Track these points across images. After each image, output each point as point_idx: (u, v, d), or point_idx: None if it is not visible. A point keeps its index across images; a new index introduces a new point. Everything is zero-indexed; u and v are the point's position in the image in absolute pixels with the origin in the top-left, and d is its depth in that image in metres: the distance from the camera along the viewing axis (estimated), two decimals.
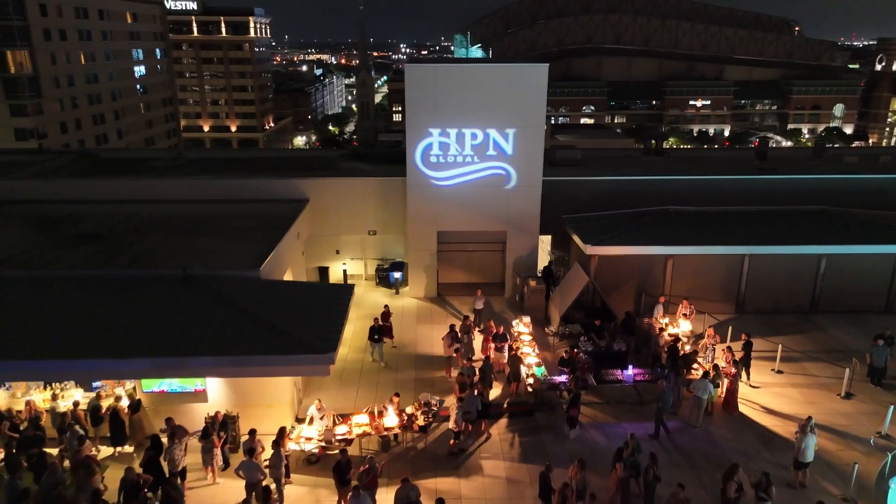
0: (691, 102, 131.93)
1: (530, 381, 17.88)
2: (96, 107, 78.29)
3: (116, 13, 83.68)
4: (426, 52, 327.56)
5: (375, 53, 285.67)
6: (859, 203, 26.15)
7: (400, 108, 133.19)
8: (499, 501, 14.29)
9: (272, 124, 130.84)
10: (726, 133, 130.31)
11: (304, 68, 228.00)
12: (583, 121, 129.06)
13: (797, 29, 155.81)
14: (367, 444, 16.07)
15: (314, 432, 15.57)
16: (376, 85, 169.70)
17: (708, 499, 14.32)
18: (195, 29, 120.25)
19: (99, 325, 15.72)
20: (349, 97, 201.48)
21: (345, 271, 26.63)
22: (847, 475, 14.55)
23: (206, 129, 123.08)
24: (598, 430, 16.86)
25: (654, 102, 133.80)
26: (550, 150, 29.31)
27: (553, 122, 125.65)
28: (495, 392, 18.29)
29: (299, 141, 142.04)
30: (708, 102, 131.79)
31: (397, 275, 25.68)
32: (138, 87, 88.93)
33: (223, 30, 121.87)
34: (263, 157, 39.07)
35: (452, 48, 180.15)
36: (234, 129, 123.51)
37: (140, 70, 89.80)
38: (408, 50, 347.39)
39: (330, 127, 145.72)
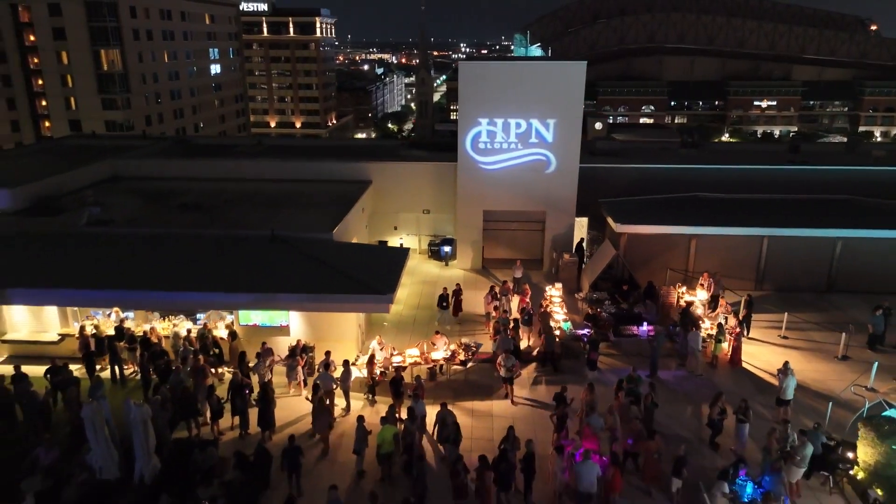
0: (756, 103, 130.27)
1: (557, 332, 21.12)
2: (176, 102, 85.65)
3: (196, 15, 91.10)
4: (486, 52, 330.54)
5: (435, 53, 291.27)
6: (886, 194, 28.09)
7: (456, 106, 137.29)
8: (522, 419, 17.60)
9: (334, 121, 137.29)
10: (792, 135, 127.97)
11: (366, 67, 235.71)
12: (642, 120, 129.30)
13: (873, 28, 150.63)
14: (417, 372, 19.71)
15: (375, 359, 19.31)
16: (435, 84, 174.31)
17: (699, 425, 17.23)
18: (265, 29, 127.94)
19: (207, 270, 19.98)
20: (408, 96, 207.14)
21: (401, 244, 30.40)
22: (824, 414, 17.17)
23: (272, 124, 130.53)
24: (613, 374, 19.90)
25: (716, 103, 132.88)
26: (592, 141, 32.30)
27: (611, 121, 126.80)
28: (525, 346, 21.58)
29: (360, 138, 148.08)
30: (774, 103, 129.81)
31: (447, 249, 29.31)
32: (213, 84, 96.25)
33: (291, 30, 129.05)
34: (331, 145, 43.54)
35: (512, 47, 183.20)
36: (298, 125, 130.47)
37: (215, 68, 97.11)
38: (468, 49, 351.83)
39: (389, 125, 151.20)
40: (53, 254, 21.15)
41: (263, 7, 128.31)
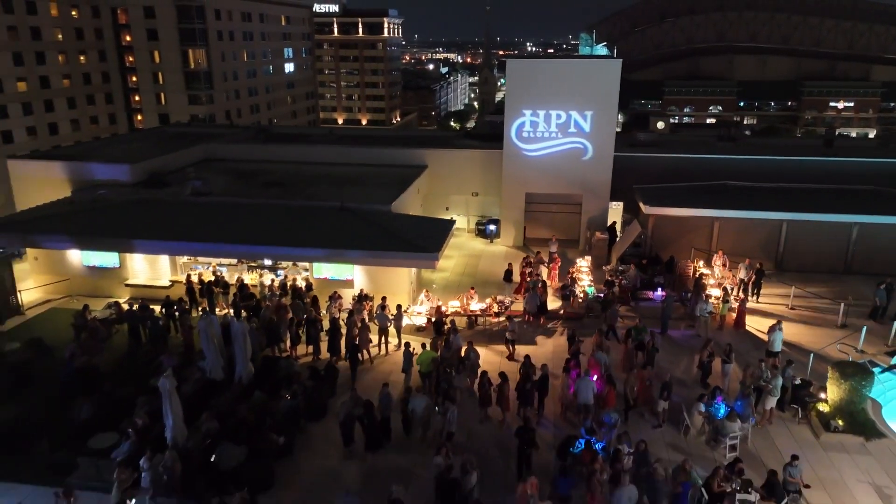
0: (831, 104, 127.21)
1: (581, 295, 24.62)
2: (253, 98, 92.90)
3: (273, 17, 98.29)
4: (552, 51, 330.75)
5: (501, 52, 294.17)
6: None
7: None
8: (544, 356, 21.17)
9: (398, 119, 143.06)
10: (871, 137, 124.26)
11: (431, 67, 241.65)
12: (708, 121, 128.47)
13: None
14: (458, 323, 23.65)
15: (423, 309, 23.43)
16: (498, 83, 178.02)
17: (695, 371, 20.36)
18: (336, 30, 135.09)
19: (288, 231, 24.57)
20: (472, 94, 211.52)
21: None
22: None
23: (340, 121, 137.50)
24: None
25: (789, 103, 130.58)
26: (633, 134, 35.34)
27: (675, 121, 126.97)
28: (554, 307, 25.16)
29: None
30: (851, 104, 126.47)
31: (492, 227, 33.15)
32: (286, 82, 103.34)
33: (360, 30, 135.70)
34: (393, 134, 48.17)
35: (579, 46, 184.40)
36: (364, 122, 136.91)
37: (289, 67, 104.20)
38: (533, 48, 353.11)
39: (452, 123, 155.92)
40: (165, 217, 26.29)
41: (335, 8, 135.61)
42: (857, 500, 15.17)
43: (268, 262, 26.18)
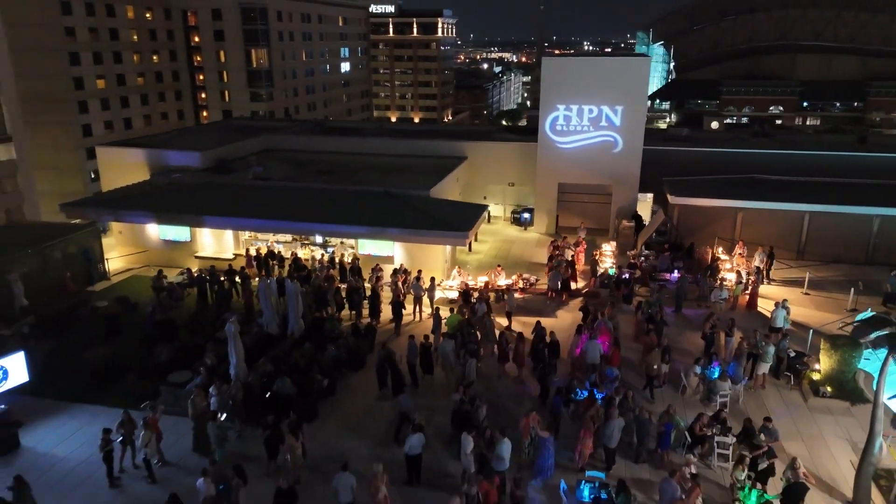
0: None
1: (604, 274, 26.83)
2: (310, 96, 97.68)
3: (331, 17, 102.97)
4: (609, 50, 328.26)
5: (557, 51, 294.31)
6: None
7: None
8: (561, 327, 23.52)
9: (450, 117, 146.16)
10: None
11: (486, 66, 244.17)
12: (743, 120, 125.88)
13: None
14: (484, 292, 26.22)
15: (454, 284, 26.13)
16: None
17: (701, 343, 22.29)
18: (391, 30, 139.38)
19: (336, 212, 27.70)
20: (525, 94, 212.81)
21: (489, 212, 36.94)
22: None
23: (393, 119, 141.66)
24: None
25: (854, 104, 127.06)
26: (665, 129, 37.01)
27: (733, 121, 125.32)
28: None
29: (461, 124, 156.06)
30: None
31: (527, 216, 35.56)
32: (342, 80, 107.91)
33: (414, 30, 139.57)
34: (437, 129, 51.07)
35: (635, 45, 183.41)
36: (416, 120, 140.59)
37: (345, 66, 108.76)
38: (590, 47, 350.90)
39: (503, 122, 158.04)
40: (230, 198, 29.87)
41: (391, 9, 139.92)
42: (832, 452, 17.01)
43: (319, 240, 29.42)
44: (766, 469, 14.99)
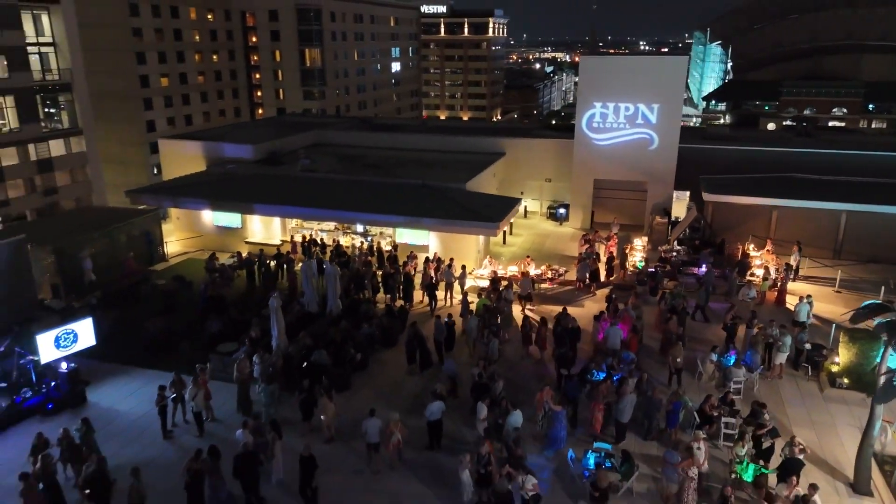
0: None
1: (632, 268, 27.62)
2: (361, 95, 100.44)
3: (383, 18, 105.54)
4: (666, 50, 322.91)
5: (611, 51, 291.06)
6: None
7: None
8: (588, 319, 24.47)
9: (499, 117, 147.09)
10: None
11: (538, 66, 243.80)
12: (830, 124, 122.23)
13: None
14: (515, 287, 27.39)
15: (485, 272, 27.42)
16: None
17: (724, 335, 22.92)
18: (442, 30, 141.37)
19: (377, 202, 29.38)
20: (575, 94, 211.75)
21: (525, 207, 38.05)
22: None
23: (442, 118, 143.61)
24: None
25: None
26: (705, 127, 37.27)
27: (791, 123, 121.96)
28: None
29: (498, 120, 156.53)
30: None
31: (562, 211, 36.49)
32: (392, 80, 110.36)
33: (465, 30, 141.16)
34: (478, 126, 52.50)
35: (692, 45, 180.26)
36: (465, 119, 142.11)
37: (395, 66, 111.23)
38: (646, 47, 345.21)
39: (553, 122, 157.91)
40: (279, 188, 31.95)
41: (442, 9, 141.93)
42: (842, 439, 17.54)
43: (360, 229, 31.19)
44: (768, 448, 15.74)
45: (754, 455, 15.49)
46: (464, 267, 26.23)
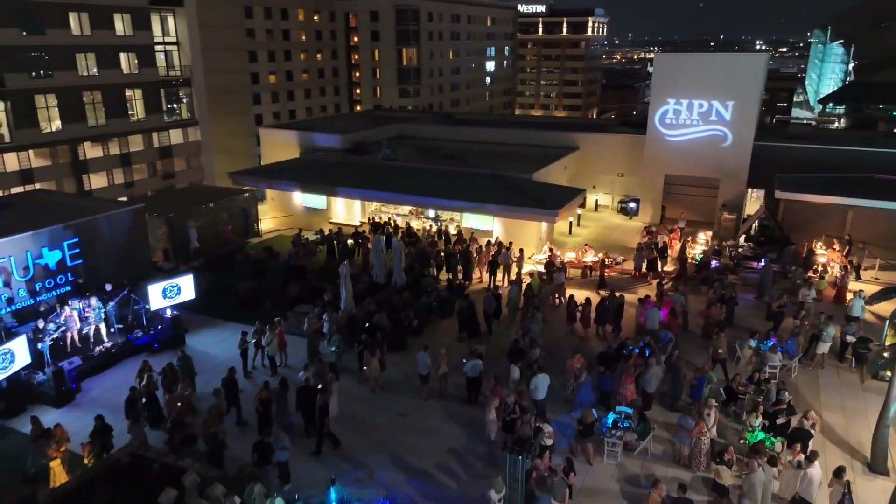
0: None
1: (691, 260, 28.38)
2: (454, 94, 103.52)
3: (479, 18, 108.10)
4: (785, 50, 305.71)
5: (712, 50, 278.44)
6: None
7: None
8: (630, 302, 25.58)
9: (594, 117, 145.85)
10: None
11: (642, 66, 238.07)
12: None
13: None
14: (572, 273, 28.88)
15: (543, 258, 29.11)
16: None
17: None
18: (540, 29, 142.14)
19: (450, 189, 31.74)
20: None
21: (596, 201, 39.16)
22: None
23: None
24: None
25: None
26: (788, 126, 36.88)
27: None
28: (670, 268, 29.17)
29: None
30: None
31: (633, 205, 37.33)
32: (486, 79, 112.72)
33: (564, 30, 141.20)
34: (556, 121, 53.75)
35: (811, 45, 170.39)
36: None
37: (490, 65, 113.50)
38: (763, 47, 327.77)
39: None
40: (363, 174, 35.03)
41: (541, 9, 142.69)
42: (870, 424, 17.89)
43: (431, 213, 33.71)
44: (784, 423, 16.61)
45: (767, 427, 16.41)
46: (521, 251, 28.05)
